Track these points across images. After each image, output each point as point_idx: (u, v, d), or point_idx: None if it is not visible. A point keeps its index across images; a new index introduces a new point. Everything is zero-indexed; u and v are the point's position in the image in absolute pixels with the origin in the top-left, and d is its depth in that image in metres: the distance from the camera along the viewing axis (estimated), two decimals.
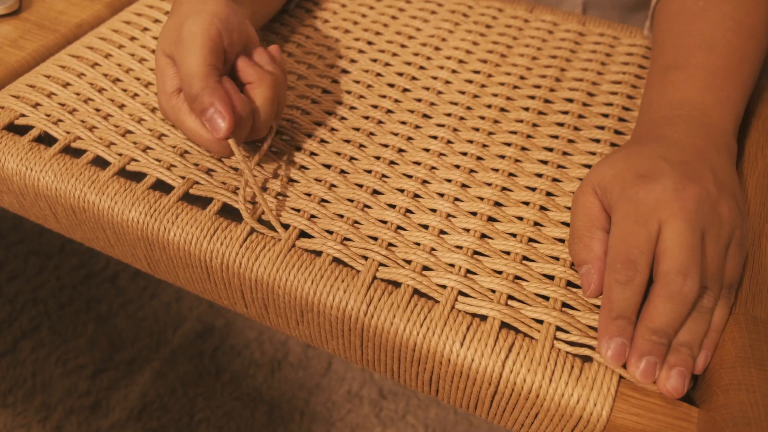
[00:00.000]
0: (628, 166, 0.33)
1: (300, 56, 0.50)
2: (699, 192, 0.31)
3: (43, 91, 0.45)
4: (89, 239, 0.44)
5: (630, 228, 0.31)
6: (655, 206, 0.31)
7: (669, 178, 0.31)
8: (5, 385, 0.80)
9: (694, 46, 0.40)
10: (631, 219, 0.31)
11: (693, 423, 0.30)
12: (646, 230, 0.30)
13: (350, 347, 0.36)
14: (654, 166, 0.32)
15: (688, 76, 0.39)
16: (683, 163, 0.33)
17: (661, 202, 0.31)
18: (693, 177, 0.32)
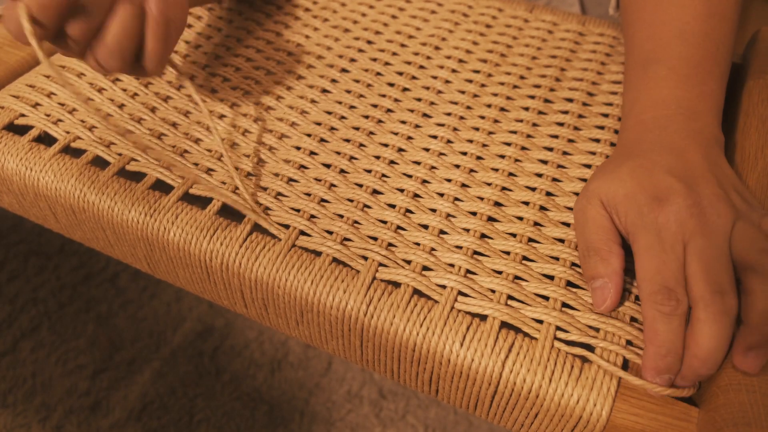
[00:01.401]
0: (638, 185, 0.33)
1: (299, 55, 0.50)
2: (709, 200, 0.32)
3: (43, 91, 0.45)
4: (89, 239, 0.44)
5: (660, 257, 0.31)
6: (677, 230, 0.31)
7: (681, 196, 0.32)
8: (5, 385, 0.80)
9: (669, 36, 0.40)
10: (658, 248, 0.31)
11: (693, 423, 0.30)
12: (675, 257, 0.31)
13: (350, 347, 0.36)
14: (663, 184, 0.33)
15: (670, 71, 0.39)
16: (687, 172, 0.33)
17: (680, 223, 0.31)
18: (700, 186, 0.33)
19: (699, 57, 0.39)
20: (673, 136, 0.36)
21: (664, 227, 0.32)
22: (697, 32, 0.39)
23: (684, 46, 0.39)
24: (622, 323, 0.33)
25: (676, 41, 0.39)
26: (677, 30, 0.40)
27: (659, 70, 0.39)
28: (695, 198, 0.32)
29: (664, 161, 0.34)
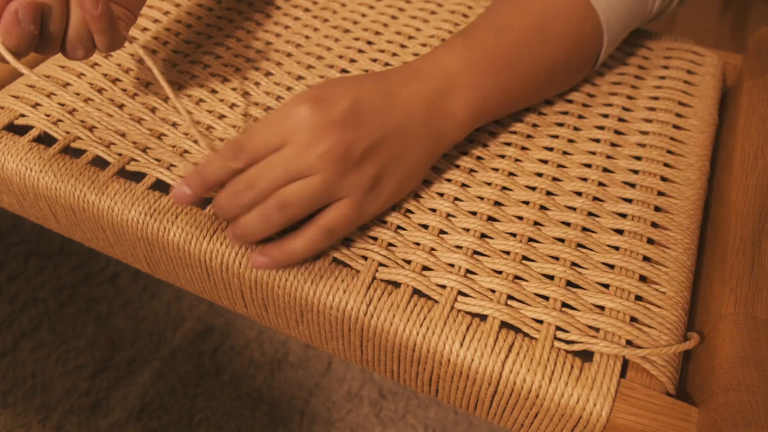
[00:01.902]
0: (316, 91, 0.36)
1: (299, 56, 0.50)
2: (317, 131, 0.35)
3: (42, 91, 0.45)
4: (89, 239, 0.44)
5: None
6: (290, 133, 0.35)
7: (314, 113, 0.35)
8: (5, 385, 0.80)
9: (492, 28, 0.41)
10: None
11: (693, 423, 0.30)
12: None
13: (350, 347, 0.36)
14: (333, 95, 0.35)
15: (467, 50, 0.40)
16: (361, 105, 0.36)
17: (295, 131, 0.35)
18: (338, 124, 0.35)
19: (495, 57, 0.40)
20: (400, 90, 0.37)
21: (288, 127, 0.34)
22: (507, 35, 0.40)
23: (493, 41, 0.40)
24: (622, 323, 0.33)
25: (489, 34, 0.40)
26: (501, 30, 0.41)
27: (461, 42, 0.40)
28: (320, 122, 0.33)
29: (367, 92, 0.35)
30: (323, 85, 0.35)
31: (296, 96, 0.34)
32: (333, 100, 0.34)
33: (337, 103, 0.34)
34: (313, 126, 0.33)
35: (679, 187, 0.41)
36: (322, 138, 0.33)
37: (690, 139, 0.44)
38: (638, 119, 0.46)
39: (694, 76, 0.50)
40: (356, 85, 0.35)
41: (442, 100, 0.38)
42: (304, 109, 0.33)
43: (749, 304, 0.33)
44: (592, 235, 0.38)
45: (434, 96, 0.37)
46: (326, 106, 0.33)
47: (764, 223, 0.37)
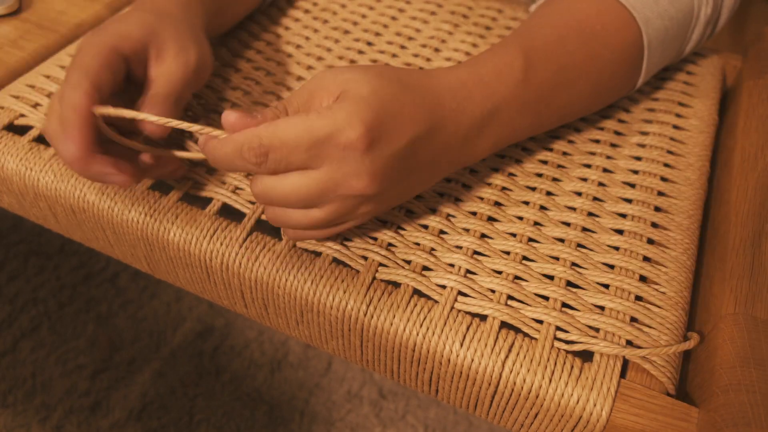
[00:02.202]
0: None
1: (300, 58, 0.50)
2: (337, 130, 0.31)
3: (43, 91, 0.45)
4: (89, 239, 0.44)
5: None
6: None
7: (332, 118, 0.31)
8: (5, 385, 0.80)
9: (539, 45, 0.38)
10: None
11: (693, 423, 0.30)
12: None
13: (350, 347, 0.36)
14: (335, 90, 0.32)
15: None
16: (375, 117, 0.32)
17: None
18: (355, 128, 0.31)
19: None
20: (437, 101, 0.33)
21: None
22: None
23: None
24: (622, 323, 0.33)
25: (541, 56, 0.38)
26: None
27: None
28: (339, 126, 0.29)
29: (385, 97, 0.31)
30: (381, 109, 0.30)
31: (345, 114, 0.29)
32: (385, 139, 0.30)
33: (389, 145, 0.30)
34: (354, 167, 0.29)
35: (679, 187, 0.41)
36: (357, 183, 0.30)
37: (690, 139, 0.44)
38: (638, 120, 0.46)
39: (694, 77, 0.50)
40: (412, 116, 0.31)
41: (478, 136, 0.35)
42: (357, 142, 0.29)
43: (749, 304, 0.33)
44: (592, 235, 0.38)
45: (473, 130, 0.35)
46: (378, 145, 0.29)
47: (764, 223, 0.37)
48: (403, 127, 0.31)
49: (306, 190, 0.30)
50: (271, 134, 0.29)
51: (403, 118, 0.31)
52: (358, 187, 0.30)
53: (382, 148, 0.30)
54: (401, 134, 0.31)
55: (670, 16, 0.41)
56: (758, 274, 0.34)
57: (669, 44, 0.42)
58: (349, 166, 0.29)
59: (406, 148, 0.31)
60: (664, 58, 0.44)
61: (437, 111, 0.33)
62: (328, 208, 0.31)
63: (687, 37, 0.44)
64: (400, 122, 0.31)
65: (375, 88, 0.30)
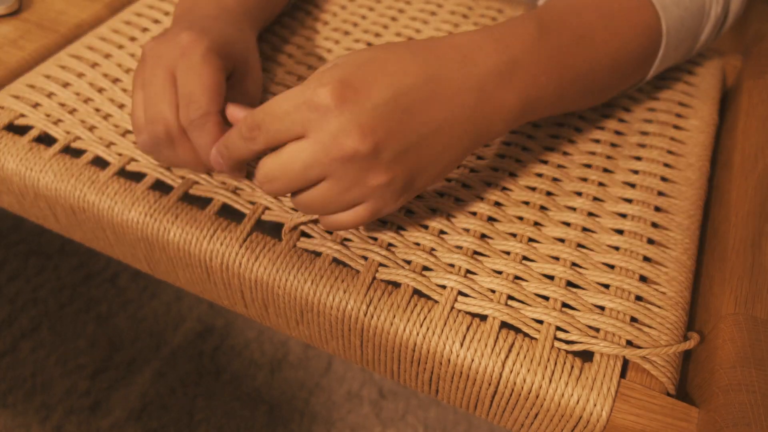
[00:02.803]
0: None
1: (300, 58, 0.50)
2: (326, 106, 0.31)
3: (42, 91, 0.45)
4: (89, 239, 0.44)
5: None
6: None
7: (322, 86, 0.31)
8: (5, 385, 0.80)
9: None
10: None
11: (693, 423, 0.30)
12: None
13: (350, 347, 0.36)
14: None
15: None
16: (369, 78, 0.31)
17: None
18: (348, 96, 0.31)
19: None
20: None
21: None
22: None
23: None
24: (623, 323, 0.33)
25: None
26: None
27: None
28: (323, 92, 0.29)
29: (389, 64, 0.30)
30: (355, 64, 0.29)
31: (321, 74, 0.29)
32: (362, 91, 0.29)
33: (368, 96, 0.29)
34: (336, 124, 0.28)
35: (679, 188, 0.41)
36: (345, 140, 0.28)
37: (690, 139, 0.44)
38: (638, 120, 0.46)
39: (694, 77, 0.50)
40: (396, 67, 0.30)
41: (497, 87, 0.32)
42: (327, 98, 0.28)
43: (749, 304, 0.33)
44: (592, 235, 0.38)
45: (490, 81, 0.32)
46: (353, 99, 0.28)
47: (764, 223, 0.37)
48: (385, 79, 0.29)
49: (301, 157, 0.30)
50: (260, 109, 0.30)
51: (384, 72, 0.30)
52: (348, 144, 0.28)
53: (360, 101, 0.29)
54: (383, 86, 0.29)
55: (686, 6, 0.41)
56: (758, 274, 0.34)
57: (684, 36, 0.42)
58: (331, 125, 0.29)
59: (392, 100, 0.29)
60: (678, 52, 0.43)
61: (434, 62, 0.31)
62: (332, 181, 0.30)
63: (698, 35, 0.44)
64: (380, 76, 0.29)
65: (351, 55, 0.30)
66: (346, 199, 0.31)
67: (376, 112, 0.29)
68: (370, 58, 0.30)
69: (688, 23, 0.42)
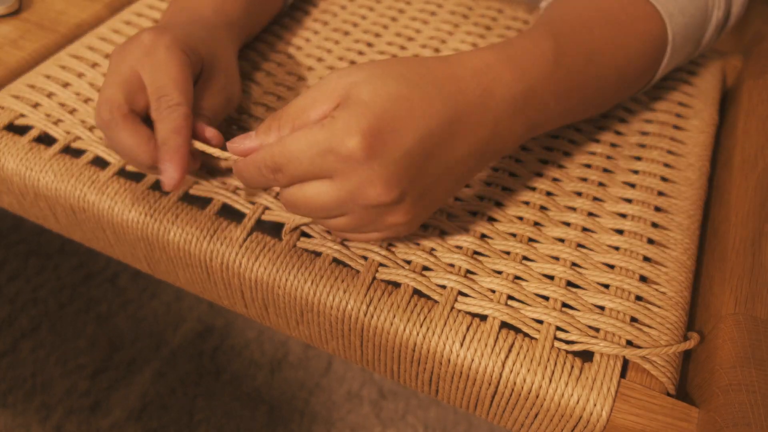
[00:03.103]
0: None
1: (300, 58, 0.50)
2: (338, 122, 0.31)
3: (42, 91, 0.45)
4: (89, 239, 0.44)
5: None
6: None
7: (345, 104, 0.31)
8: (5, 385, 0.80)
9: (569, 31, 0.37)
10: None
11: (693, 423, 0.30)
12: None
13: (350, 347, 0.36)
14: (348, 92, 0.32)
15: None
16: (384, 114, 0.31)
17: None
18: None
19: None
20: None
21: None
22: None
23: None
24: (623, 323, 0.33)
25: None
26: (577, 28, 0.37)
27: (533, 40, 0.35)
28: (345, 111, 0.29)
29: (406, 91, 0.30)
30: (382, 105, 0.28)
31: (343, 124, 0.28)
32: (391, 141, 0.28)
33: (395, 147, 0.28)
34: (363, 175, 0.28)
35: (679, 188, 0.41)
36: (371, 191, 0.29)
37: (690, 139, 0.44)
38: (638, 120, 0.46)
39: (694, 77, 0.50)
40: (424, 110, 0.29)
41: (511, 119, 0.33)
42: (356, 150, 0.28)
43: (749, 304, 0.33)
44: (592, 235, 0.38)
45: (505, 115, 0.32)
46: (382, 149, 0.28)
47: (764, 223, 0.37)
48: (412, 124, 0.29)
49: (324, 198, 0.30)
50: (280, 151, 0.30)
51: (411, 116, 0.29)
52: (373, 196, 0.29)
53: (388, 151, 0.28)
54: (410, 133, 0.29)
55: (690, 14, 0.41)
56: (758, 274, 0.34)
57: (688, 42, 0.42)
58: (358, 175, 0.28)
59: (419, 146, 0.29)
60: (680, 57, 0.44)
61: (457, 99, 0.30)
62: (352, 217, 0.31)
63: (700, 40, 0.44)
64: (408, 121, 0.29)
65: (377, 89, 0.29)
66: (363, 230, 0.33)
67: (402, 163, 0.29)
68: (398, 97, 0.29)
69: (691, 30, 0.42)
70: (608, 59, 0.37)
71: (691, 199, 0.41)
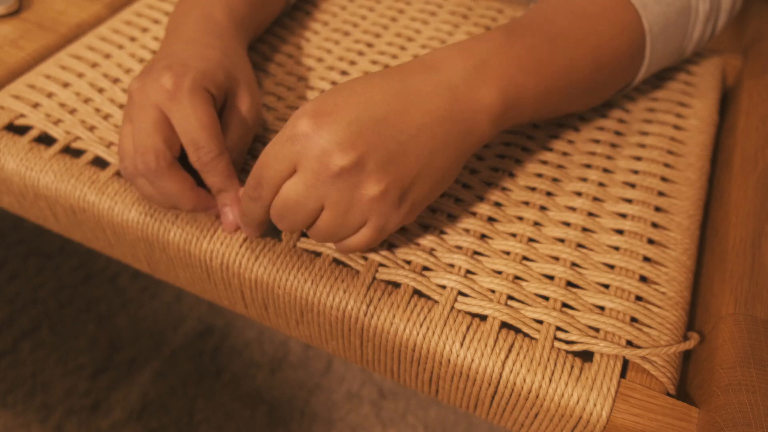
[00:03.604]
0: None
1: (300, 58, 0.50)
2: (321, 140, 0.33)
3: (42, 91, 0.45)
4: (89, 239, 0.44)
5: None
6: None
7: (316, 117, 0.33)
8: (5, 385, 0.80)
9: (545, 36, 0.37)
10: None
11: (693, 423, 0.30)
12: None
13: (350, 347, 0.36)
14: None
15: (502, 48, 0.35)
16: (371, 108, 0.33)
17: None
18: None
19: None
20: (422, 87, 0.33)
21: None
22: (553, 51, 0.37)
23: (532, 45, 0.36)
24: (623, 323, 0.33)
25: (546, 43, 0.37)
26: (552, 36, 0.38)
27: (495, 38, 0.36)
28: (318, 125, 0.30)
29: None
30: (326, 95, 0.31)
31: (297, 112, 0.31)
32: (335, 113, 0.30)
33: (340, 118, 0.30)
34: (317, 149, 0.30)
35: (679, 188, 0.41)
36: (329, 160, 0.30)
37: (690, 139, 0.44)
38: (638, 120, 0.46)
39: (694, 77, 0.50)
40: (364, 89, 0.32)
41: (469, 87, 0.33)
42: (305, 127, 0.30)
43: (749, 305, 0.33)
44: (592, 235, 0.38)
45: (460, 83, 0.33)
46: (328, 122, 0.30)
47: (764, 223, 0.37)
48: (355, 98, 0.31)
49: (296, 189, 0.31)
50: (256, 166, 0.32)
51: (354, 93, 0.31)
52: (333, 163, 0.30)
53: (336, 121, 0.30)
54: (354, 103, 0.31)
55: (668, 2, 0.41)
56: (758, 274, 0.34)
57: (671, 34, 0.42)
58: (313, 151, 0.30)
59: (365, 113, 0.31)
60: (669, 50, 0.43)
61: (400, 77, 0.33)
62: (330, 207, 0.31)
63: (688, 33, 0.44)
64: (351, 96, 0.31)
65: (325, 92, 0.32)
66: (350, 222, 0.32)
67: (352, 128, 0.30)
68: (339, 87, 0.32)
69: (673, 20, 0.42)
70: (576, 42, 0.38)
71: (691, 199, 0.41)
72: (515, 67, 0.34)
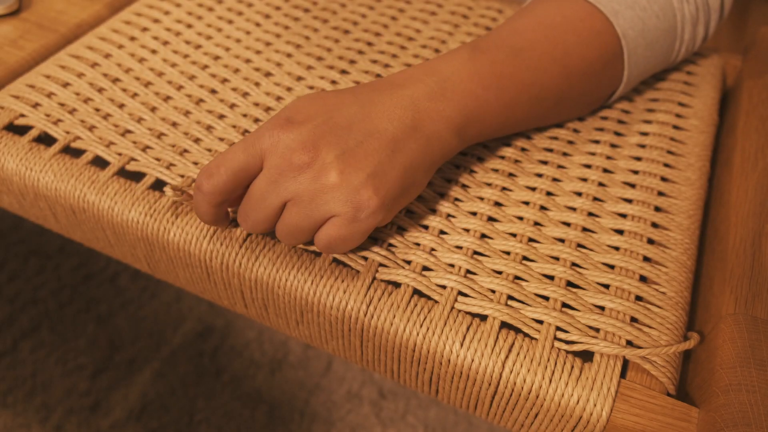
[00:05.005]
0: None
1: (299, 57, 0.50)
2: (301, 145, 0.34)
3: (42, 91, 0.45)
4: (89, 239, 0.44)
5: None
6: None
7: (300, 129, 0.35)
8: (5, 385, 0.80)
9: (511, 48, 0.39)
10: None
11: (693, 423, 0.30)
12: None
13: (350, 347, 0.36)
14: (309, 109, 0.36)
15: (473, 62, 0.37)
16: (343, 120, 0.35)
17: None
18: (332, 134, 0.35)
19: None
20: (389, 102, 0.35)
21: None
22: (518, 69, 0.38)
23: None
24: (622, 323, 0.33)
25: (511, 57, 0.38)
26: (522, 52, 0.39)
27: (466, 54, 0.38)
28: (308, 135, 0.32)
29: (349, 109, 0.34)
30: (297, 104, 0.34)
31: (270, 118, 0.33)
32: (303, 120, 0.33)
33: (307, 122, 0.33)
34: (282, 147, 0.32)
35: (679, 188, 0.41)
36: (291, 156, 0.32)
37: (690, 140, 0.44)
38: (638, 120, 0.46)
39: (694, 77, 0.50)
40: (334, 100, 0.34)
41: (431, 101, 0.35)
42: (275, 131, 0.32)
43: (749, 305, 0.33)
44: (592, 235, 0.38)
45: (422, 96, 0.35)
46: (296, 125, 0.32)
47: (764, 223, 0.37)
48: (324, 107, 0.34)
49: (259, 185, 0.33)
50: (217, 156, 0.34)
51: (324, 103, 0.34)
52: (294, 157, 0.32)
53: (302, 122, 0.33)
54: (322, 112, 0.33)
55: (643, 7, 0.41)
56: (758, 274, 0.34)
57: (654, 38, 0.42)
58: (279, 147, 0.32)
59: (333, 119, 0.33)
60: (653, 53, 0.43)
61: (367, 91, 0.35)
62: (294, 198, 0.32)
63: (678, 35, 0.43)
64: (321, 106, 0.34)
65: (296, 101, 0.35)
66: (315, 213, 0.32)
67: (316, 130, 0.32)
68: (313, 96, 0.35)
69: (653, 23, 0.41)
70: (542, 53, 0.39)
71: (691, 199, 0.41)
72: (475, 83, 0.37)
